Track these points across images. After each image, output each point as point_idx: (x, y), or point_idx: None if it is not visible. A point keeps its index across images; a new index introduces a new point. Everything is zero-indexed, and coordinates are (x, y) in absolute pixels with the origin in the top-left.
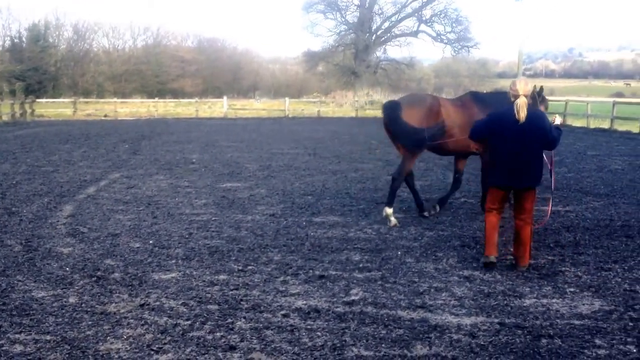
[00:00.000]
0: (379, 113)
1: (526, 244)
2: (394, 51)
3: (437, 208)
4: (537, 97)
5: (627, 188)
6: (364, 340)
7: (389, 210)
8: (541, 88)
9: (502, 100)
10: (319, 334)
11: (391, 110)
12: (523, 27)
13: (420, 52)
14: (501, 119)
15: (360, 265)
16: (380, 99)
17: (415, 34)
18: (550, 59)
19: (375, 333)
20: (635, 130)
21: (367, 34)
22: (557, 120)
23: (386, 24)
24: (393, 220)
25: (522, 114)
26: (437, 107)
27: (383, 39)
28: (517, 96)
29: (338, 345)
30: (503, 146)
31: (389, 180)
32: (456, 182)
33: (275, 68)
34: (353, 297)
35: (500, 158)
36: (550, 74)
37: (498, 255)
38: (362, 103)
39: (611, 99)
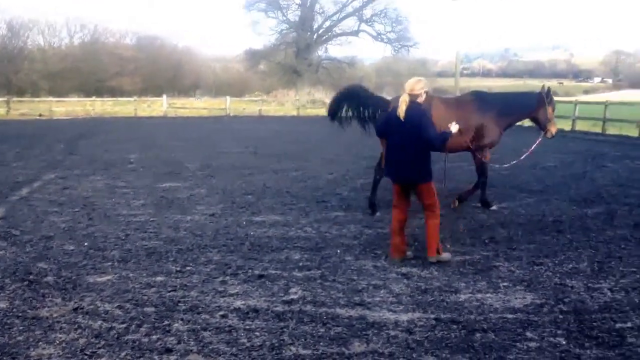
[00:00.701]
0: (321, 112)
1: (431, 236)
2: (336, 50)
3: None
4: (545, 98)
5: (559, 185)
6: (303, 339)
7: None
8: (548, 89)
9: (505, 100)
10: (257, 334)
11: (376, 106)
12: (462, 27)
13: (362, 51)
14: (390, 116)
15: (300, 264)
16: (322, 98)
17: (356, 33)
18: (487, 59)
19: (314, 331)
20: (567, 128)
21: (309, 33)
22: (453, 128)
23: (327, 23)
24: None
25: (401, 111)
26: (427, 106)
27: (324, 37)
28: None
29: (276, 344)
30: (391, 142)
31: (329, 179)
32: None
33: (217, 66)
34: (292, 296)
35: (388, 153)
36: (487, 74)
37: (403, 255)
38: (304, 102)
39: None
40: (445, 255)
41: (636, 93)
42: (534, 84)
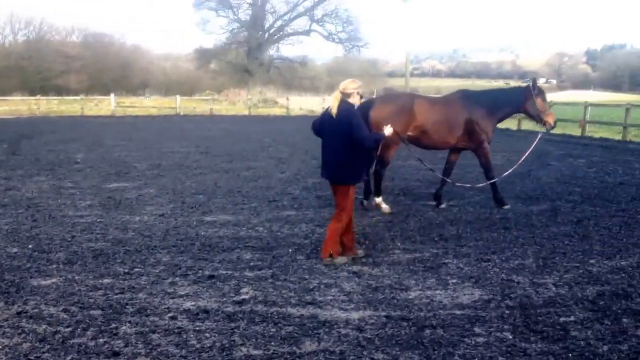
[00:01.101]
0: (272, 111)
1: (328, 238)
2: (287, 50)
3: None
4: (532, 90)
5: (505, 182)
6: (254, 340)
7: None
8: (534, 80)
9: (493, 97)
10: (207, 335)
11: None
12: (410, 28)
13: (313, 50)
14: (324, 114)
15: (251, 263)
16: (273, 97)
17: (307, 33)
18: (437, 59)
19: (265, 331)
20: (514, 127)
21: (260, 32)
22: (387, 131)
23: (279, 23)
24: (385, 206)
25: (333, 108)
26: (409, 104)
27: (276, 37)
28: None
29: (227, 345)
30: (323, 140)
31: (281, 179)
32: (446, 172)
33: (167, 65)
34: (243, 296)
35: (322, 152)
36: (436, 74)
37: (353, 253)
38: (255, 101)
39: None
40: (340, 259)
41: (579, 93)
42: (481, 84)
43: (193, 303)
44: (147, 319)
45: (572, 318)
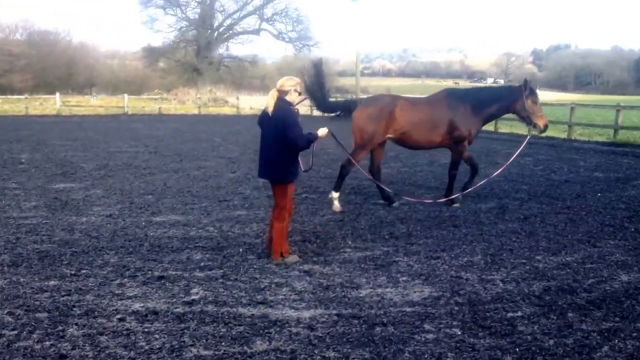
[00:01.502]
0: (222, 110)
1: (275, 239)
2: (237, 48)
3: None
4: (523, 91)
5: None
6: (204, 340)
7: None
8: (525, 81)
9: (479, 97)
10: (156, 336)
11: (346, 108)
12: (360, 27)
13: (263, 49)
14: (263, 112)
15: (202, 264)
16: (223, 96)
17: (257, 31)
18: (387, 59)
19: (215, 332)
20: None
21: (209, 31)
22: (321, 132)
23: (228, 21)
24: (336, 204)
25: (269, 106)
26: (390, 107)
27: (225, 36)
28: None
29: (177, 346)
30: (261, 138)
31: (232, 178)
32: (472, 168)
33: (114, 63)
34: (193, 297)
35: (259, 150)
36: (387, 73)
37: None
38: (205, 100)
39: None
40: (291, 258)
41: None
42: (431, 84)
43: (142, 304)
44: (95, 321)
45: (519, 313)
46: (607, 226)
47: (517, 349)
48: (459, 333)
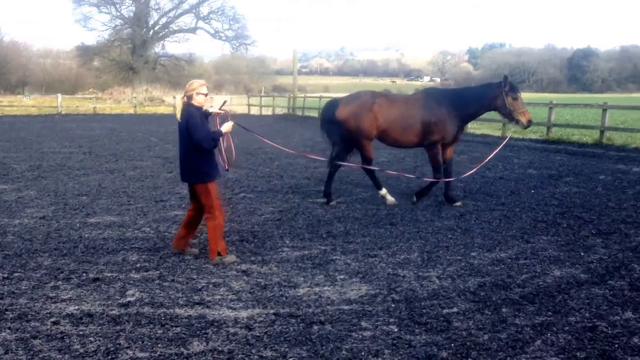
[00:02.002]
0: (159, 109)
1: (210, 239)
2: (173, 47)
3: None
4: (502, 88)
5: (392, 179)
6: (140, 342)
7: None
8: (505, 77)
9: (457, 95)
10: (91, 339)
11: (329, 107)
12: (298, 26)
13: (200, 48)
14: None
15: (138, 265)
16: (160, 95)
17: (193, 30)
18: (325, 57)
19: (152, 333)
20: None
21: (145, 29)
22: (225, 127)
23: (164, 20)
24: (390, 198)
25: (177, 112)
26: (369, 104)
27: (161, 34)
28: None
29: (112, 349)
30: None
31: (168, 178)
32: (445, 172)
33: (47, 62)
34: (129, 299)
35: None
36: (324, 72)
37: (183, 249)
38: (141, 99)
39: None
40: (229, 258)
41: None
42: (368, 82)
43: (76, 307)
44: (28, 324)
45: (454, 309)
46: (540, 222)
47: (453, 345)
48: (396, 330)
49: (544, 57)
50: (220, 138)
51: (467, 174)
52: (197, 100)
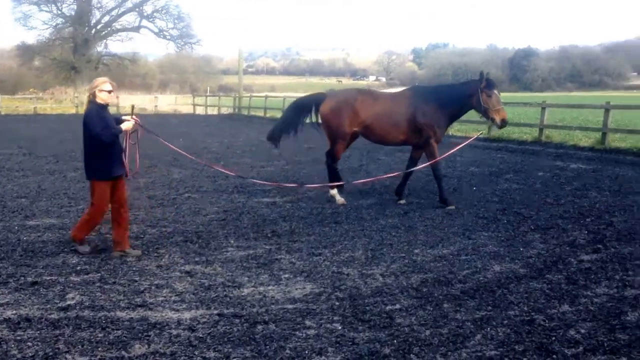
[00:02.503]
0: None
1: (77, 225)
2: (116, 46)
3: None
4: (478, 85)
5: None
6: (80, 346)
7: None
8: (481, 74)
9: (441, 94)
10: (29, 344)
11: (316, 102)
12: (243, 25)
13: (144, 47)
14: None
15: (78, 268)
16: None
17: (137, 29)
18: (271, 57)
19: (92, 337)
20: None
21: (87, 28)
22: (125, 125)
23: (106, 18)
24: (339, 198)
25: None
26: (352, 101)
27: (104, 33)
28: None
29: (50, 353)
30: None
31: None
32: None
33: None
34: (69, 302)
35: None
36: (271, 71)
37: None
38: (84, 99)
39: None
40: (131, 252)
41: None
42: (315, 82)
43: (14, 312)
44: None
45: (397, 306)
46: (481, 219)
47: (395, 341)
48: (340, 328)
49: (487, 57)
50: (126, 142)
51: (419, 167)
52: (101, 97)
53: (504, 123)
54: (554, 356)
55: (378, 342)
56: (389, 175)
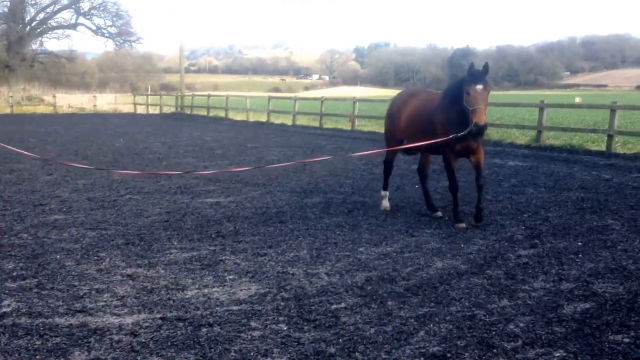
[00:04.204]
0: (38, 109)
1: None
2: (53, 44)
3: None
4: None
5: (281, 177)
6: (16, 354)
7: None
8: (470, 65)
9: (456, 89)
10: None
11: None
12: (184, 22)
13: (82, 45)
14: None
15: (14, 273)
16: (39, 94)
17: (74, 26)
18: (213, 55)
19: (29, 345)
20: (288, 122)
21: (20, 25)
22: None
23: (41, 15)
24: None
25: None
26: (399, 102)
27: (39, 30)
28: None
29: None
30: None
31: (48, 181)
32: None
33: None
34: (4, 309)
35: None
36: (213, 70)
37: None
38: (18, 99)
39: (267, 94)
40: None
41: (349, 89)
42: (258, 80)
43: None
44: None
45: (342, 304)
46: (423, 216)
47: (340, 340)
48: (285, 328)
49: (427, 56)
50: None
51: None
52: None
53: (477, 128)
54: (495, 350)
55: (323, 342)
56: (379, 150)
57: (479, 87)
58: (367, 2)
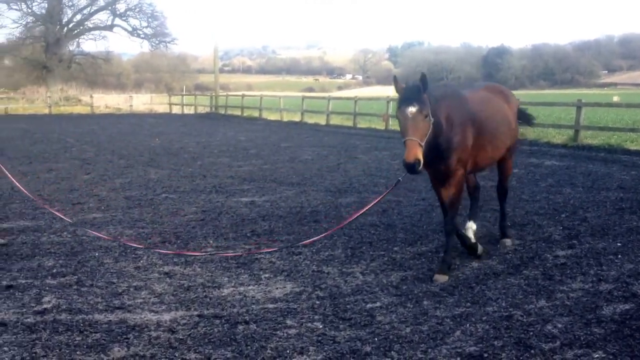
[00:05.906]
0: (75, 109)
1: None
2: (89, 45)
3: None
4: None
5: (316, 177)
6: (57, 350)
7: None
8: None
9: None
10: (5, 349)
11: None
12: (218, 23)
13: (118, 46)
14: None
15: (54, 270)
16: (76, 95)
17: (110, 27)
18: (247, 56)
19: (70, 341)
20: (322, 122)
21: (58, 27)
22: None
23: (78, 17)
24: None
25: None
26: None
27: (76, 32)
28: None
29: (27, 358)
30: None
31: (86, 180)
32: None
33: None
34: (45, 306)
35: None
36: (247, 70)
37: None
38: (56, 99)
39: (301, 94)
40: None
41: (382, 89)
42: (292, 80)
43: None
44: None
45: (377, 304)
46: (459, 216)
47: (376, 339)
48: (321, 327)
49: (461, 55)
50: None
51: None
52: None
53: (404, 167)
54: (532, 351)
55: (359, 340)
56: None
57: (409, 110)
58: (400, 1)
